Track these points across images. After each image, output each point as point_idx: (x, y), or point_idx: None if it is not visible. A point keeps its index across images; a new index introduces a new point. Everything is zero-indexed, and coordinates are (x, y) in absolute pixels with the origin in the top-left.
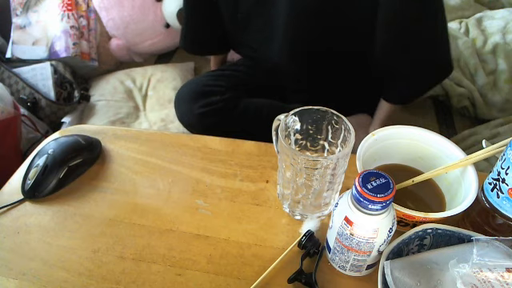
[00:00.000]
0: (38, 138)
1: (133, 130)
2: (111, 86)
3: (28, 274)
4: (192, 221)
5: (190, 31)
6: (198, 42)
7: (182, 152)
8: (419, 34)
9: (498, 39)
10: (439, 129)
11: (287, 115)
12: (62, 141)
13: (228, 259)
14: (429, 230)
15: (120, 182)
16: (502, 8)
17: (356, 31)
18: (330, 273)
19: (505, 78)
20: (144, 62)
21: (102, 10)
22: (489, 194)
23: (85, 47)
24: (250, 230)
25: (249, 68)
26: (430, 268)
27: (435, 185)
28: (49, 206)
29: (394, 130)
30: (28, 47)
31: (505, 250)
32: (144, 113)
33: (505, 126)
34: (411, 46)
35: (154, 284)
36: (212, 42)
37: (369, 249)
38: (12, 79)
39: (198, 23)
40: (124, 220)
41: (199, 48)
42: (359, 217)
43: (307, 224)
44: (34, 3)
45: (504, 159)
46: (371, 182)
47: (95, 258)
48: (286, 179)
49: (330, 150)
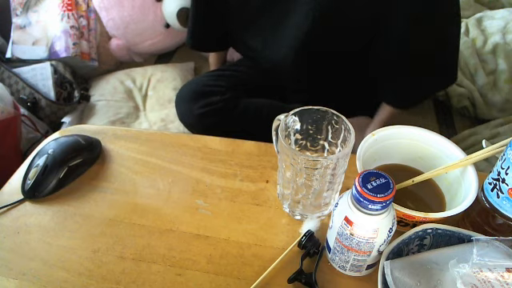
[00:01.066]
0: (38, 138)
1: (133, 130)
2: (111, 86)
3: (28, 274)
4: (192, 221)
5: (197, 27)
6: (205, 38)
7: (182, 152)
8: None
9: (497, 39)
10: (439, 129)
11: (287, 115)
12: (62, 141)
13: (228, 259)
14: (429, 230)
15: (120, 182)
16: (502, 8)
17: (358, 32)
18: (330, 273)
19: (505, 78)
20: (144, 62)
21: (102, 9)
22: (489, 194)
23: (85, 47)
24: (250, 230)
25: (249, 68)
26: (430, 268)
27: (435, 185)
28: (49, 206)
29: (394, 130)
30: (28, 47)
31: (505, 250)
32: (144, 113)
33: (505, 126)
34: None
35: (153, 284)
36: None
37: (369, 249)
38: (12, 79)
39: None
40: (124, 220)
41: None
42: (359, 217)
43: (307, 224)
44: (33, 3)
45: (504, 159)
46: (371, 182)
47: (95, 258)
48: (286, 179)
49: (330, 150)
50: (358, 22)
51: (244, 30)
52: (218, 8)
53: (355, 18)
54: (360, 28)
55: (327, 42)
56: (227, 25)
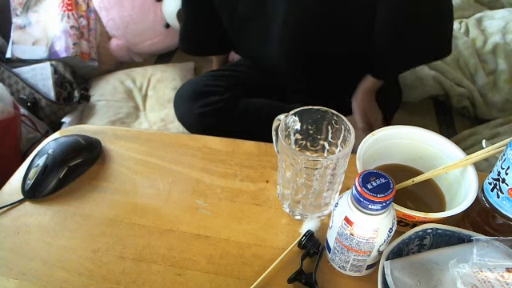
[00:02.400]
0: (38, 138)
1: (133, 130)
2: (111, 86)
3: (28, 274)
4: (192, 221)
5: (189, 31)
6: (197, 42)
7: (182, 152)
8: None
9: (498, 39)
10: (439, 129)
11: (287, 115)
12: (62, 141)
13: (228, 259)
14: (429, 230)
15: (120, 181)
16: (502, 8)
17: (353, 31)
18: (330, 273)
19: (505, 78)
20: (144, 62)
21: (102, 9)
22: (489, 194)
23: (85, 47)
24: (250, 230)
25: (248, 68)
26: (430, 268)
27: (435, 185)
28: (49, 206)
29: (394, 130)
30: (28, 47)
31: (505, 250)
32: (144, 113)
33: (505, 125)
34: (421, 17)
35: (153, 284)
36: (212, 42)
37: (369, 249)
38: (12, 79)
39: (197, 23)
40: (124, 220)
41: (198, 49)
42: (359, 217)
43: (307, 224)
44: (33, 3)
45: (504, 159)
46: (371, 182)
47: (95, 258)
48: (286, 179)
49: (330, 150)
50: (343, 21)
51: (237, 32)
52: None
53: (340, 18)
54: (347, 28)
55: (317, 42)
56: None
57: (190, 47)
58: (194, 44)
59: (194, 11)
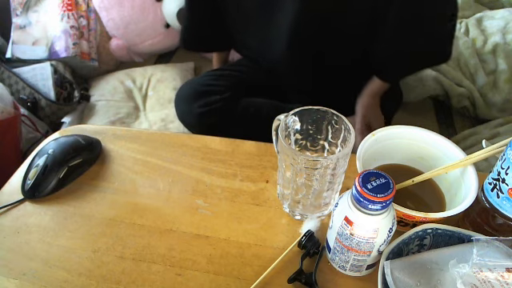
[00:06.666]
0: (38, 138)
1: (133, 130)
2: (111, 86)
3: (28, 274)
4: (192, 221)
5: (191, 27)
6: (199, 38)
7: (182, 152)
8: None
9: (497, 39)
10: (439, 129)
11: (287, 115)
12: (62, 141)
13: (228, 259)
14: (429, 230)
15: (120, 182)
16: (502, 8)
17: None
18: (330, 273)
19: (505, 78)
20: (144, 62)
21: (102, 10)
22: (489, 194)
23: (85, 47)
24: (250, 229)
25: (249, 68)
26: (430, 268)
27: (435, 185)
28: (49, 206)
29: (394, 130)
30: (28, 47)
31: (505, 250)
32: (144, 113)
33: (505, 125)
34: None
35: (153, 284)
36: (213, 38)
37: (369, 249)
38: (12, 79)
39: (199, 19)
40: (124, 220)
41: (199, 45)
42: (359, 217)
43: (307, 224)
44: (33, 3)
45: (504, 159)
46: (371, 182)
47: (95, 258)
48: (286, 179)
49: (330, 150)
50: (347, 21)
51: (241, 30)
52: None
53: (343, 17)
54: (351, 26)
55: (321, 41)
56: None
57: (192, 43)
58: (195, 40)
59: (197, 7)
